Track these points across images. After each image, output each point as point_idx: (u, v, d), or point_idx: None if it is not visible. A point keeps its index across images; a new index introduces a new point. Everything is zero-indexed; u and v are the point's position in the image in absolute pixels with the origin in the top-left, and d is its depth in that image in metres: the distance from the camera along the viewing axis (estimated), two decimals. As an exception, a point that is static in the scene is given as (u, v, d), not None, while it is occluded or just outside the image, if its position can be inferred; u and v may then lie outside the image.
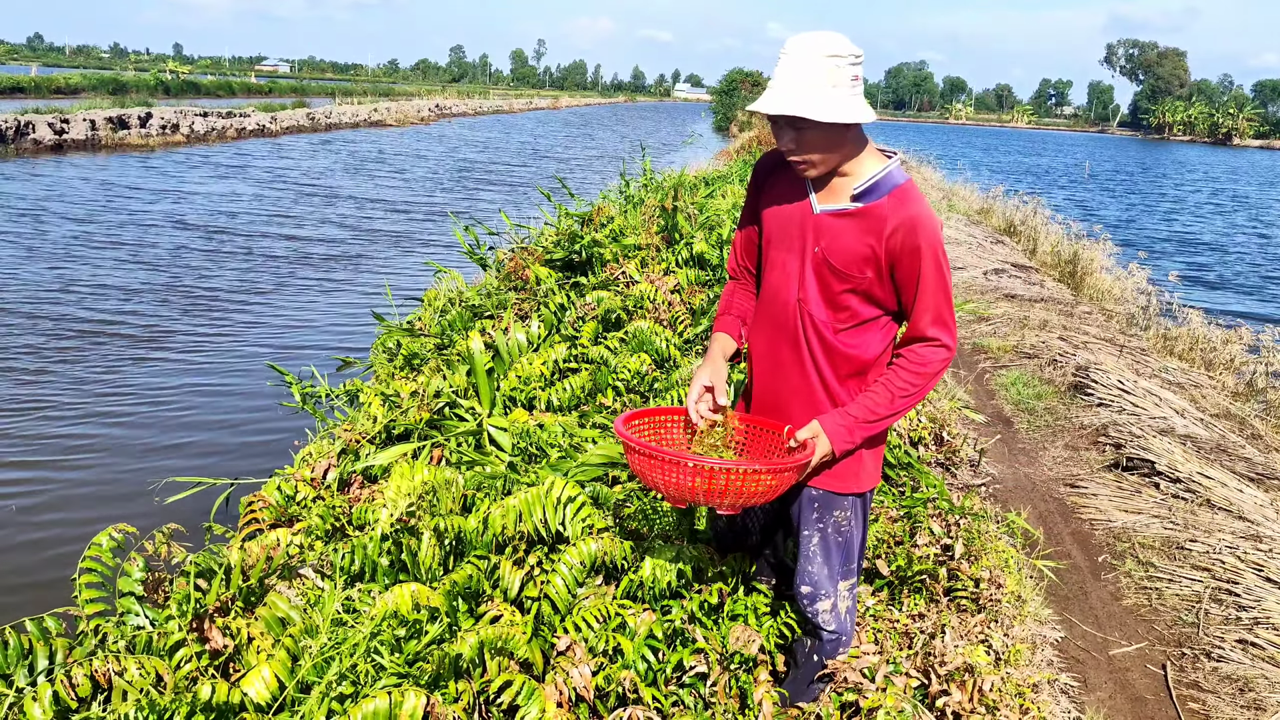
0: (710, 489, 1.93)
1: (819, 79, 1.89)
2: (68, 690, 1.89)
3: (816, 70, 1.89)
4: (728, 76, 47.67)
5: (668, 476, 1.94)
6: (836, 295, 2.05)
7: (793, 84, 1.90)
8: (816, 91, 1.89)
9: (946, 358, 2.05)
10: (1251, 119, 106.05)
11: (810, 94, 1.88)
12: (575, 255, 6.29)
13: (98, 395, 6.48)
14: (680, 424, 2.25)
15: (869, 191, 2.00)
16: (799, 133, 1.94)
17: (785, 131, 1.96)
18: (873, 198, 2.00)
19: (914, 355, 2.04)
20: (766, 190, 2.17)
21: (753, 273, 2.30)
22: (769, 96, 1.91)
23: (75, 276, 9.72)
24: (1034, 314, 8.58)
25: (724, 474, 1.91)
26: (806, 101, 1.88)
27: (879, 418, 2.05)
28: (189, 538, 2.64)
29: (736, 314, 2.31)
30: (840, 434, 2.04)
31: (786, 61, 1.92)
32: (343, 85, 75.03)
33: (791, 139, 1.95)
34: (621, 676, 2.20)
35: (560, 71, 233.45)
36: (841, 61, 1.90)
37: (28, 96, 36.05)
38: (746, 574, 2.60)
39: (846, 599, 2.27)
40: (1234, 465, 5.14)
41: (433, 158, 26.83)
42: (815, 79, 1.89)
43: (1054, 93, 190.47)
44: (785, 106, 1.88)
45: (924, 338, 2.03)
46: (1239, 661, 3.34)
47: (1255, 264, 16.61)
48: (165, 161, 21.28)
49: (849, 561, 2.24)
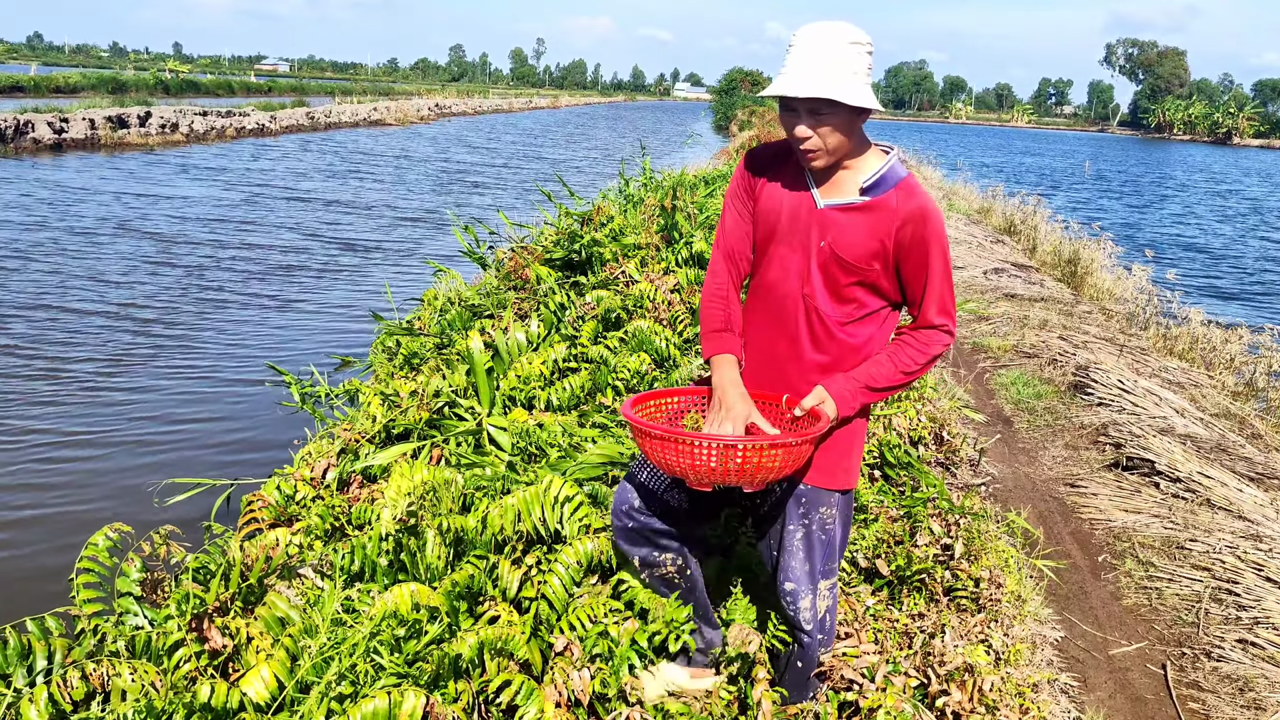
0: (740, 467, 1.87)
1: (843, 64, 1.89)
2: (63, 694, 1.89)
3: (841, 55, 1.89)
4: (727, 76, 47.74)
5: (686, 459, 1.88)
6: (843, 288, 2.06)
7: (817, 68, 1.88)
8: (842, 76, 1.88)
9: (948, 342, 2.10)
10: (1252, 118, 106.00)
11: (837, 78, 1.88)
12: (575, 254, 6.29)
13: (97, 395, 6.47)
14: (688, 404, 2.23)
15: (876, 185, 2.00)
16: (818, 118, 1.92)
17: (802, 118, 1.94)
18: (880, 191, 2.00)
19: (921, 335, 2.09)
20: (761, 186, 2.15)
21: (745, 271, 2.29)
22: (794, 79, 1.89)
23: (73, 274, 9.72)
24: (1034, 313, 8.58)
25: (757, 451, 1.87)
26: (835, 84, 1.87)
27: (881, 387, 2.08)
28: (188, 538, 2.64)
29: (737, 330, 2.24)
30: (845, 398, 2.05)
31: (806, 47, 1.90)
32: (342, 84, 74.96)
33: (809, 124, 1.94)
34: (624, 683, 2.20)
35: (560, 71, 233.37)
36: (861, 49, 1.91)
37: (27, 95, 36.02)
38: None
39: (827, 598, 2.26)
40: (1234, 465, 5.13)
41: (433, 157, 26.81)
42: (840, 64, 1.88)
43: (1054, 92, 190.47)
44: (816, 88, 1.87)
45: (930, 325, 2.08)
46: (1239, 661, 3.34)
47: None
48: (166, 161, 21.27)
49: (830, 560, 2.24)
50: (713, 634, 2.51)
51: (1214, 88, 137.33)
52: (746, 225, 2.21)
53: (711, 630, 2.51)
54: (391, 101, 49.53)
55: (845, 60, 1.89)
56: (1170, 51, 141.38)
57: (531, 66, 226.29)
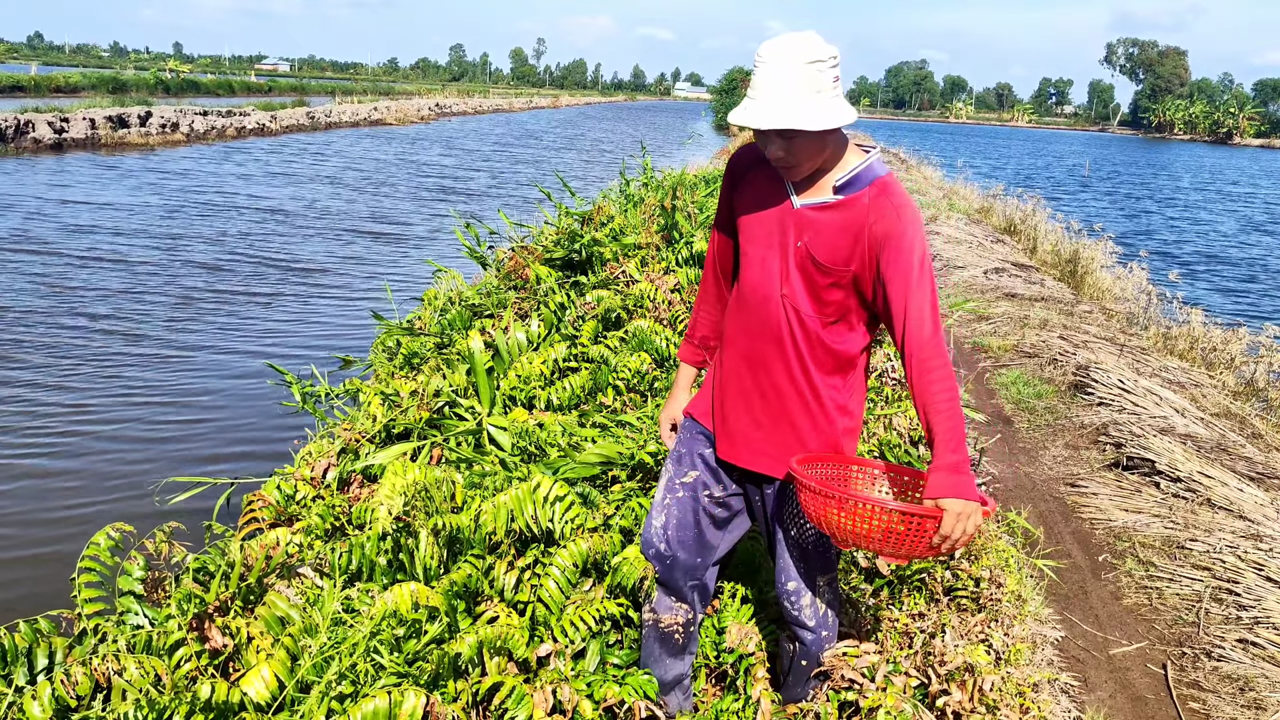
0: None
1: (804, 87, 1.87)
2: (67, 689, 1.89)
3: (800, 78, 1.87)
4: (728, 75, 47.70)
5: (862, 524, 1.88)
6: (821, 290, 2.04)
7: (779, 95, 1.88)
8: (803, 100, 1.87)
9: (944, 343, 2.00)
10: (1252, 118, 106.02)
11: (798, 103, 1.87)
12: (575, 254, 6.29)
13: (96, 395, 6.47)
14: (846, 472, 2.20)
15: (850, 183, 1.99)
16: (789, 141, 1.93)
17: (773, 140, 1.95)
18: (854, 189, 1.99)
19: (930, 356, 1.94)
20: (741, 188, 2.16)
21: (729, 273, 2.30)
22: (757, 110, 1.89)
23: (74, 273, 9.72)
24: (1034, 313, 8.58)
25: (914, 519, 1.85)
26: (796, 112, 1.87)
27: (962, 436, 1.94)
28: (189, 537, 2.64)
29: (698, 340, 2.40)
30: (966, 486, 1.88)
31: (767, 71, 1.89)
32: (342, 84, 75.01)
33: (781, 147, 1.94)
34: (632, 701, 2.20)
35: (560, 70, 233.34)
36: (823, 66, 1.89)
37: (27, 95, 36.02)
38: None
39: (826, 593, 2.28)
40: (1234, 464, 5.13)
41: (433, 159, 26.82)
42: (800, 87, 1.87)
43: (1054, 92, 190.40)
44: (776, 120, 1.87)
45: (921, 332, 1.94)
46: (1239, 661, 3.34)
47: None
48: (164, 160, 21.28)
49: (827, 555, 2.26)
50: (683, 702, 2.44)
51: (1214, 87, 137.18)
52: (728, 227, 2.24)
53: (683, 698, 2.44)
54: (392, 101, 49.54)
55: (806, 81, 1.87)
56: (1171, 51, 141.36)
57: (532, 66, 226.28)
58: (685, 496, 2.25)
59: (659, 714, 2.27)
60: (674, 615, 2.32)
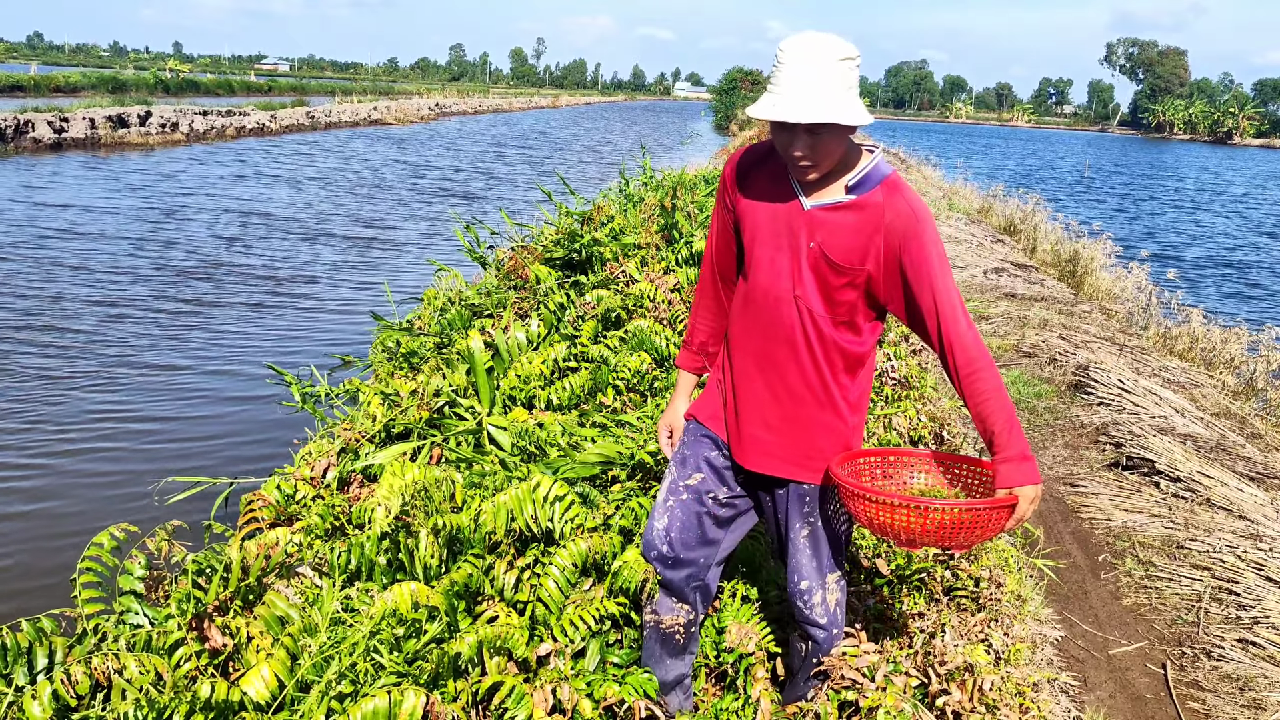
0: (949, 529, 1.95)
1: (837, 83, 1.86)
2: (67, 688, 1.89)
3: (834, 75, 1.85)
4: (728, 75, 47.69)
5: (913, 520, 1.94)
6: (834, 290, 2.04)
7: (813, 91, 1.85)
8: (839, 96, 1.86)
9: (979, 334, 2.05)
10: (1252, 118, 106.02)
11: (835, 100, 1.85)
12: (575, 254, 6.28)
13: (96, 395, 6.47)
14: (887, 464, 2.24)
15: (862, 183, 1.99)
16: (816, 138, 1.90)
17: (799, 138, 1.91)
18: (865, 189, 1.99)
19: (970, 346, 2.00)
20: (745, 189, 2.14)
21: (729, 277, 2.29)
22: (795, 104, 1.85)
23: (72, 274, 9.72)
24: (1034, 313, 8.58)
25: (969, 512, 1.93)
26: (833, 107, 1.85)
27: (1017, 423, 2.03)
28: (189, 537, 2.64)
29: (697, 346, 2.38)
30: (1034, 472, 1.99)
31: (799, 66, 1.86)
32: (342, 84, 74.99)
33: (806, 145, 1.91)
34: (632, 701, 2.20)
35: (560, 70, 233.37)
36: (852, 64, 1.89)
37: (27, 95, 36.00)
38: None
39: (836, 591, 2.28)
40: (1234, 464, 5.13)
41: (432, 160, 26.81)
42: (834, 84, 1.85)
43: (1054, 91, 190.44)
44: (816, 114, 1.83)
45: (958, 325, 2.00)
46: (1239, 661, 3.34)
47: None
48: (164, 160, 21.27)
49: (837, 554, 2.26)
50: (684, 701, 2.44)
51: (1214, 87, 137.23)
52: (728, 234, 2.23)
53: (684, 698, 2.44)
54: (392, 101, 49.53)
55: (839, 78, 1.86)
56: (1170, 51, 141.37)
57: (531, 66, 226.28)
58: (689, 499, 2.25)
59: (659, 713, 2.28)
60: (676, 616, 2.32)
